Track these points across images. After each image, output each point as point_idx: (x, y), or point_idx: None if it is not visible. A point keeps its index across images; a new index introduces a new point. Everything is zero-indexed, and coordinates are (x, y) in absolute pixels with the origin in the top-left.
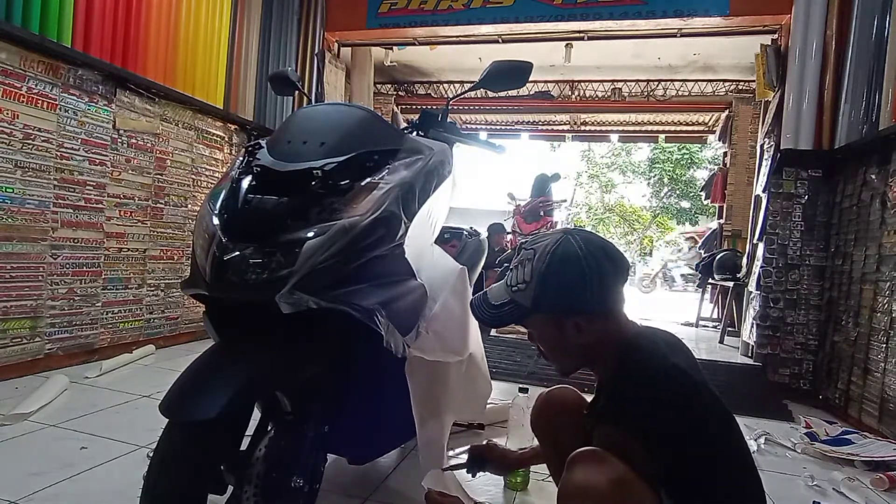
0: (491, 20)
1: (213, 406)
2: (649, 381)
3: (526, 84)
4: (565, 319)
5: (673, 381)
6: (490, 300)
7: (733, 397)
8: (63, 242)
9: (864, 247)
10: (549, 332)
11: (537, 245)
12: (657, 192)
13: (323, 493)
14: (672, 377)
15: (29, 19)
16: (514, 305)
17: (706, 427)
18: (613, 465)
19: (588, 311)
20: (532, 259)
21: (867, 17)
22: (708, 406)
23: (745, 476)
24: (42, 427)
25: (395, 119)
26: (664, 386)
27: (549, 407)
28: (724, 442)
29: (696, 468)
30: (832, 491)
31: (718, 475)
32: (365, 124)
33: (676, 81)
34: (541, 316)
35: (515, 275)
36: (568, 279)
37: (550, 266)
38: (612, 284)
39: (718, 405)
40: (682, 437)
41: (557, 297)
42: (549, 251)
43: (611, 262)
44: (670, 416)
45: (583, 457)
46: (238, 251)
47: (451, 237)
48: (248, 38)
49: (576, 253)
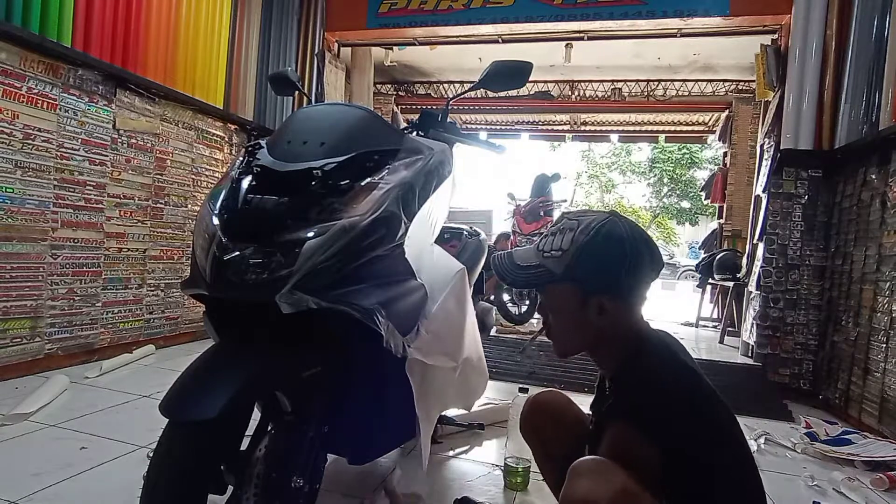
0: (491, 20)
1: (213, 406)
2: (665, 375)
3: (526, 84)
4: (591, 296)
5: (688, 378)
6: (515, 260)
7: (733, 397)
8: (63, 242)
9: (864, 247)
10: (569, 304)
11: (582, 218)
12: (657, 193)
13: (323, 493)
14: (686, 375)
15: (29, 19)
16: (544, 270)
17: (717, 427)
18: (617, 477)
19: (616, 294)
20: (574, 230)
21: (867, 17)
22: (718, 407)
23: (748, 480)
24: (42, 427)
25: (395, 119)
26: (680, 382)
27: (537, 410)
28: (732, 444)
29: (703, 470)
30: (832, 491)
31: (724, 479)
32: (365, 124)
33: (676, 81)
34: (567, 286)
35: (550, 241)
36: (608, 257)
37: (594, 240)
38: (645, 275)
39: (725, 408)
40: (695, 435)
41: (592, 271)
42: (595, 227)
43: (650, 254)
44: (685, 412)
45: (586, 467)
46: (238, 251)
47: (451, 237)
48: (248, 38)
49: (621, 235)
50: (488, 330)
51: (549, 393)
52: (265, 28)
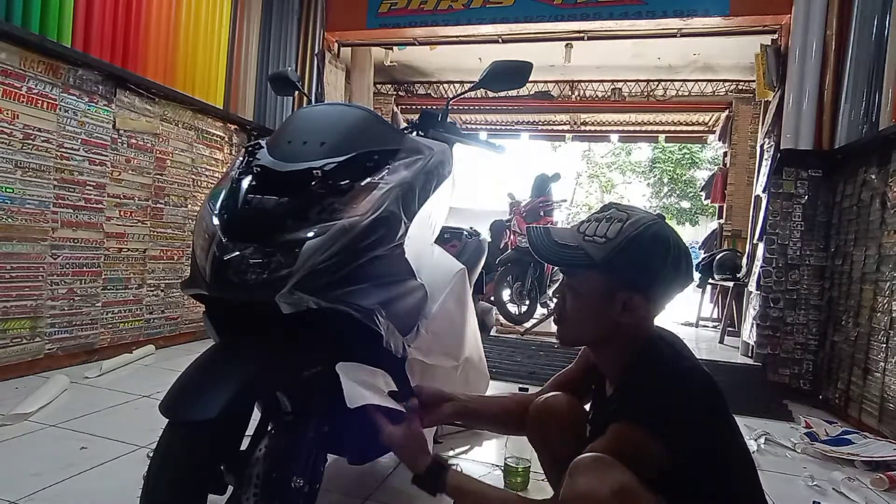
0: (491, 20)
1: (214, 406)
2: (674, 377)
3: (526, 84)
4: (622, 290)
5: (696, 380)
6: (554, 237)
7: (733, 397)
8: (63, 242)
9: (864, 247)
10: (595, 292)
11: (632, 212)
12: (657, 192)
13: (323, 493)
14: (695, 377)
15: (29, 19)
16: (582, 253)
17: (722, 430)
18: (616, 473)
19: (646, 295)
20: (624, 221)
21: (867, 17)
22: (724, 410)
23: (748, 482)
24: (42, 427)
25: (395, 119)
26: (688, 384)
27: (545, 418)
28: (734, 446)
29: (705, 471)
30: (832, 491)
31: (724, 480)
32: (365, 124)
33: (676, 81)
34: (600, 275)
35: (595, 227)
36: (651, 257)
37: (642, 236)
38: (677, 285)
39: (728, 412)
40: (700, 436)
41: (632, 266)
42: (645, 224)
43: (686, 266)
44: (692, 414)
45: (585, 464)
46: (238, 251)
47: (451, 237)
48: (248, 38)
49: (668, 239)
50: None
51: (556, 396)
52: (265, 28)
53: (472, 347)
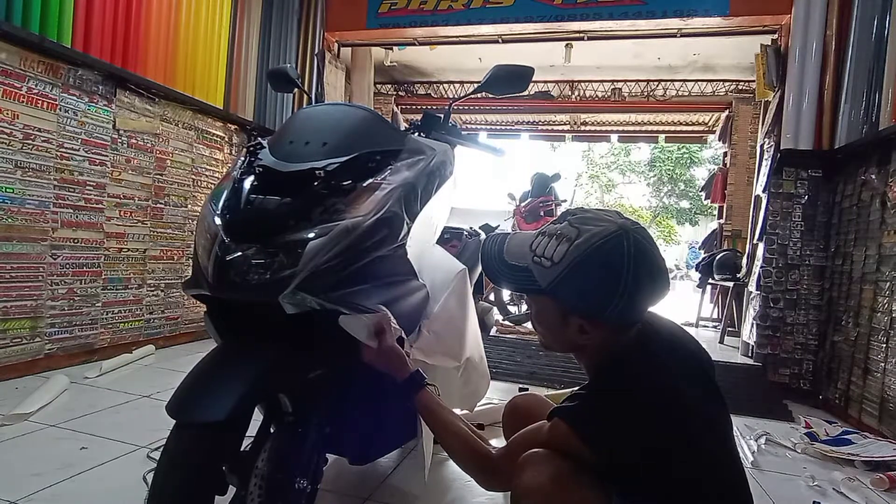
0: (491, 20)
1: (222, 408)
2: (623, 386)
3: (527, 89)
4: (573, 315)
5: (649, 390)
6: (505, 255)
7: (733, 397)
8: (63, 242)
9: (864, 247)
10: (549, 315)
11: (585, 228)
12: (657, 192)
13: (323, 493)
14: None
15: (29, 19)
16: (528, 277)
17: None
18: (558, 464)
19: (601, 321)
20: (572, 241)
21: (867, 17)
22: (681, 419)
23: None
24: (42, 427)
25: (395, 119)
26: (637, 394)
27: (517, 413)
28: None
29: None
30: (832, 491)
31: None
32: (367, 124)
33: (676, 81)
34: (551, 300)
35: (545, 244)
36: (598, 284)
37: (587, 260)
38: (641, 304)
39: (707, 430)
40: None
41: (578, 294)
42: (595, 243)
43: (650, 283)
44: (620, 421)
45: (529, 459)
46: (240, 251)
47: (452, 237)
48: (248, 38)
49: (621, 259)
50: (488, 330)
51: (530, 395)
52: (265, 28)
53: (474, 348)
